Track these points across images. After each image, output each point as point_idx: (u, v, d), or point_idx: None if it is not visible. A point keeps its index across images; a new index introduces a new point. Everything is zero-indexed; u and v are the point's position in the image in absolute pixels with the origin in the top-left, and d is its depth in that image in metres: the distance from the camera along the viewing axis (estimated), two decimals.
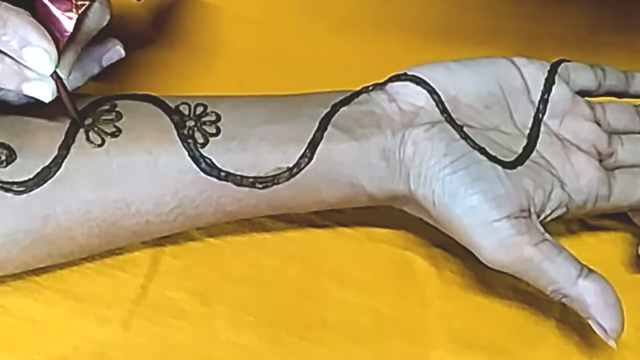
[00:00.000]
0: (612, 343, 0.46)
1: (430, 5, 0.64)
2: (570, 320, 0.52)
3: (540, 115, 0.52)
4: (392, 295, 0.53)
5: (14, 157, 0.46)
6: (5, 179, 0.45)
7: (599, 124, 0.53)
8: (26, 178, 0.45)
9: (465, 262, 0.53)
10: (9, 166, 0.45)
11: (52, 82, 0.44)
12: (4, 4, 0.43)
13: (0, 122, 0.47)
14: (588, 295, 0.46)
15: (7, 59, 0.43)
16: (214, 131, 0.48)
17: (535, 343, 0.52)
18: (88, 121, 0.47)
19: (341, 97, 0.51)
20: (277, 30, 0.63)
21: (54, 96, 0.44)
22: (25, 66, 0.43)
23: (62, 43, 0.44)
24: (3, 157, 0.45)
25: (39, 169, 0.46)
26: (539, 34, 0.63)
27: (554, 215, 0.50)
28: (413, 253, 0.54)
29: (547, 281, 0.47)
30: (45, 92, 0.44)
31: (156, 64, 0.60)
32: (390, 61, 0.53)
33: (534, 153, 0.51)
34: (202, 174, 0.47)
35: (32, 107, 0.47)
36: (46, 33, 0.43)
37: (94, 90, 0.50)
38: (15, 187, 0.45)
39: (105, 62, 0.49)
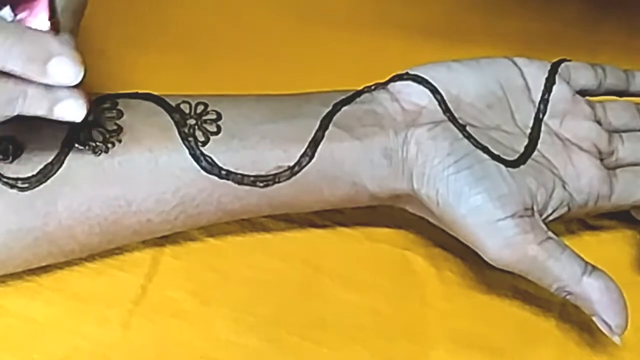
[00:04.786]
0: (616, 339, 0.47)
1: (430, 5, 0.64)
2: (570, 321, 0.52)
3: (541, 115, 0.52)
4: (392, 295, 0.53)
5: (19, 152, 0.45)
6: (10, 175, 0.45)
7: (599, 123, 0.53)
8: (30, 174, 0.45)
9: (465, 262, 0.53)
10: (15, 162, 0.45)
11: (84, 98, 0.42)
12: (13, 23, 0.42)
13: None
14: (592, 292, 0.47)
15: (32, 85, 0.41)
16: (214, 130, 0.48)
17: (535, 343, 0.52)
18: (89, 119, 0.47)
19: (343, 97, 0.51)
20: (277, 30, 0.63)
21: (87, 111, 0.42)
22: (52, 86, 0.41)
23: None
24: (9, 153, 0.45)
25: (42, 166, 0.45)
26: (540, 34, 0.64)
27: (555, 215, 0.50)
28: (413, 253, 0.54)
29: (552, 279, 0.47)
30: (78, 109, 0.42)
31: (156, 64, 0.60)
32: (391, 62, 0.53)
33: (536, 152, 0.51)
34: (202, 172, 0.47)
35: None
36: (62, 39, 0.41)
37: (95, 89, 0.50)
38: (20, 184, 0.45)
39: None
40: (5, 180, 0.45)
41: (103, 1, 0.62)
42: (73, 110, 0.42)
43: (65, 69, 0.40)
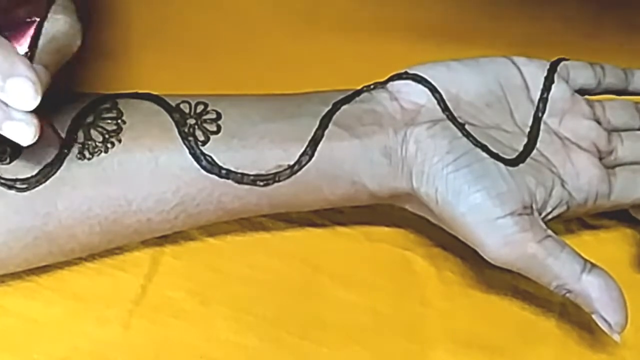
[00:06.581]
0: (616, 337, 0.47)
1: (430, 5, 0.64)
2: (570, 320, 0.52)
3: (540, 114, 0.52)
4: (391, 295, 0.53)
5: (17, 153, 0.45)
6: (8, 176, 0.45)
7: (598, 122, 0.53)
8: (29, 175, 0.45)
9: (465, 262, 0.54)
10: (12, 163, 0.45)
11: (36, 125, 0.41)
12: None
13: None
14: (592, 290, 0.47)
15: None
16: (214, 129, 0.48)
17: (535, 343, 0.52)
18: (89, 119, 0.48)
19: (342, 96, 0.51)
20: (277, 30, 0.63)
21: (35, 139, 0.41)
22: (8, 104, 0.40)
23: None
24: (7, 154, 0.45)
25: (41, 167, 0.45)
26: (539, 34, 0.64)
27: (554, 213, 0.50)
28: (413, 253, 0.54)
29: (552, 277, 0.47)
30: (27, 134, 0.41)
31: (156, 64, 0.60)
32: (390, 61, 0.53)
33: (535, 151, 0.51)
34: (203, 171, 0.47)
35: None
36: (31, 65, 0.41)
37: (96, 89, 0.50)
38: (18, 185, 0.45)
39: None
40: (3, 181, 0.45)
41: (103, 1, 0.63)
42: (21, 133, 0.41)
43: (22, 91, 0.40)
